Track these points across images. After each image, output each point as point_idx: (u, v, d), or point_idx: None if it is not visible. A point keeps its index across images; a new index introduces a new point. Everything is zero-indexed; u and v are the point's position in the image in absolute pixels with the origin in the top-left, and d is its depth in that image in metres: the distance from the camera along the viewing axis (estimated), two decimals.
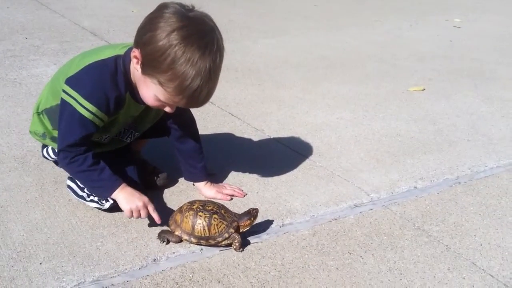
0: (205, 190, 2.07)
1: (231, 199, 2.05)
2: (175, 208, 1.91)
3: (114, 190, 1.81)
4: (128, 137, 2.01)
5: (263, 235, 1.85)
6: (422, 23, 5.32)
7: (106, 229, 1.82)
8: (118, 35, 4.11)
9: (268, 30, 4.71)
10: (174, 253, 1.73)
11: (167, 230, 1.79)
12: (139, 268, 1.65)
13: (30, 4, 4.99)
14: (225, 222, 1.76)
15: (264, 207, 2.01)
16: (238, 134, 2.63)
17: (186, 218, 1.77)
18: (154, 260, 1.69)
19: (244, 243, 1.79)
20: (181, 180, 2.15)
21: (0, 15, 4.59)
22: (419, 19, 5.48)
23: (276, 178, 2.23)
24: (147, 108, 1.85)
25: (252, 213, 1.80)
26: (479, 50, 4.44)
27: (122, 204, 1.81)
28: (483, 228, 1.97)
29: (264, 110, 2.94)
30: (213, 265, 1.69)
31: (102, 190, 1.84)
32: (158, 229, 1.82)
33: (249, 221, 1.78)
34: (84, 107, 1.72)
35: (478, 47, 4.54)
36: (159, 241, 1.76)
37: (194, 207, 1.80)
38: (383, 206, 2.08)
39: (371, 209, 2.06)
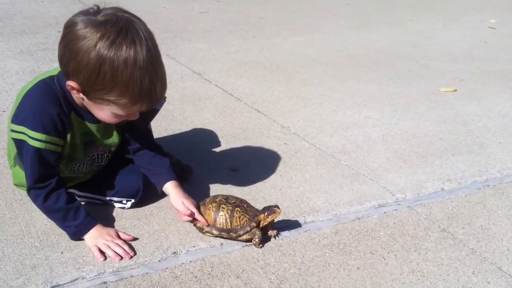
0: (172, 195, 1.85)
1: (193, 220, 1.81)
2: (197, 202, 1.90)
3: (88, 231, 1.70)
4: (106, 159, 1.90)
5: (284, 232, 1.83)
6: (456, 23, 5.22)
7: (128, 221, 1.83)
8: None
9: (299, 28, 4.69)
10: (194, 246, 1.73)
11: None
12: (159, 261, 1.65)
13: None
14: (247, 216, 1.75)
15: (287, 204, 1.99)
16: (264, 130, 2.62)
17: (209, 210, 1.77)
18: (174, 253, 1.69)
19: (265, 239, 1.77)
20: (204, 174, 2.15)
21: (35, 8, 4.68)
22: (453, 19, 5.38)
23: (300, 175, 2.21)
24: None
25: (273, 209, 1.77)
26: None
27: (88, 242, 1.69)
28: (511, 232, 1.92)
29: (291, 108, 2.92)
30: (232, 260, 1.68)
31: (75, 231, 1.70)
32: (179, 223, 1.82)
33: (270, 216, 1.76)
34: (34, 139, 1.62)
35: None
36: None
37: (217, 200, 1.80)
38: (408, 207, 2.04)
39: (396, 210, 2.02)
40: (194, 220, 1.79)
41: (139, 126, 1.86)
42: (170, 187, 1.86)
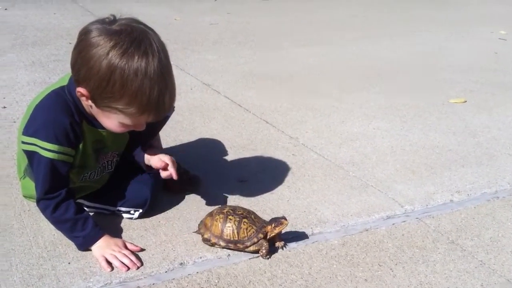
0: (149, 156, 1.91)
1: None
2: (204, 213, 1.91)
3: (96, 241, 1.70)
4: (114, 164, 1.91)
5: (292, 244, 1.83)
6: (465, 34, 5.21)
7: (135, 232, 1.84)
8: None
9: (308, 39, 4.70)
10: (201, 257, 1.72)
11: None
12: (166, 272, 1.65)
13: (76, 10, 5.14)
14: (254, 227, 1.75)
15: (294, 215, 1.99)
16: (272, 141, 2.62)
17: (216, 221, 1.76)
18: (181, 264, 1.69)
19: (272, 251, 1.77)
20: (212, 184, 2.15)
21: (47, 20, 4.74)
22: (463, 30, 5.37)
23: (308, 186, 2.21)
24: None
25: (280, 220, 1.77)
26: None
27: (95, 252, 1.69)
28: None
29: (299, 119, 2.92)
30: (239, 271, 1.68)
31: (83, 241, 1.70)
32: (186, 234, 1.83)
33: (277, 228, 1.75)
34: (47, 149, 1.62)
35: None
36: None
37: (225, 211, 1.79)
38: (416, 218, 2.03)
39: (404, 221, 2.01)
40: (200, 233, 1.79)
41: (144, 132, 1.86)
42: (146, 153, 1.92)
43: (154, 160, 1.89)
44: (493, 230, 1.98)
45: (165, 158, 1.87)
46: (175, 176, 1.85)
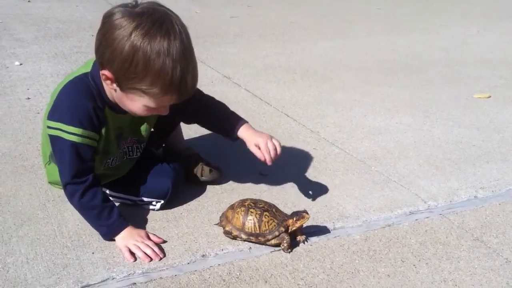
0: (246, 140, 1.92)
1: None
2: (226, 205, 1.91)
3: (120, 232, 1.71)
4: (136, 151, 1.93)
5: (313, 238, 1.82)
6: (491, 29, 5.13)
7: (157, 223, 1.84)
8: None
9: (329, 33, 4.67)
10: (222, 250, 1.73)
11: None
12: (188, 263, 1.66)
13: (98, 3, 5.16)
14: (276, 220, 1.75)
15: (316, 209, 1.98)
16: (293, 135, 2.61)
17: (237, 214, 1.76)
18: (203, 256, 1.69)
19: (293, 244, 1.76)
20: (233, 177, 2.15)
21: (69, 12, 4.77)
22: (488, 24, 5.28)
23: (329, 181, 2.19)
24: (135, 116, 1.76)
25: (302, 214, 1.76)
26: None
27: (119, 243, 1.71)
28: None
29: (321, 112, 2.90)
30: (261, 264, 1.68)
31: (108, 231, 1.72)
32: (208, 226, 1.83)
33: (298, 221, 1.75)
34: (71, 133, 1.66)
35: None
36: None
37: (246, 204, 1.79)
38: (440, 214, 2.01)
39: (428, 217, 1.99)
40: (221, 225, 1.79)
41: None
42: (242, 133, 1.94)
43: (253, 149, 1.89)
44: None
45: (259, 141, 1.88)
46: (268, 162, 1.85)
